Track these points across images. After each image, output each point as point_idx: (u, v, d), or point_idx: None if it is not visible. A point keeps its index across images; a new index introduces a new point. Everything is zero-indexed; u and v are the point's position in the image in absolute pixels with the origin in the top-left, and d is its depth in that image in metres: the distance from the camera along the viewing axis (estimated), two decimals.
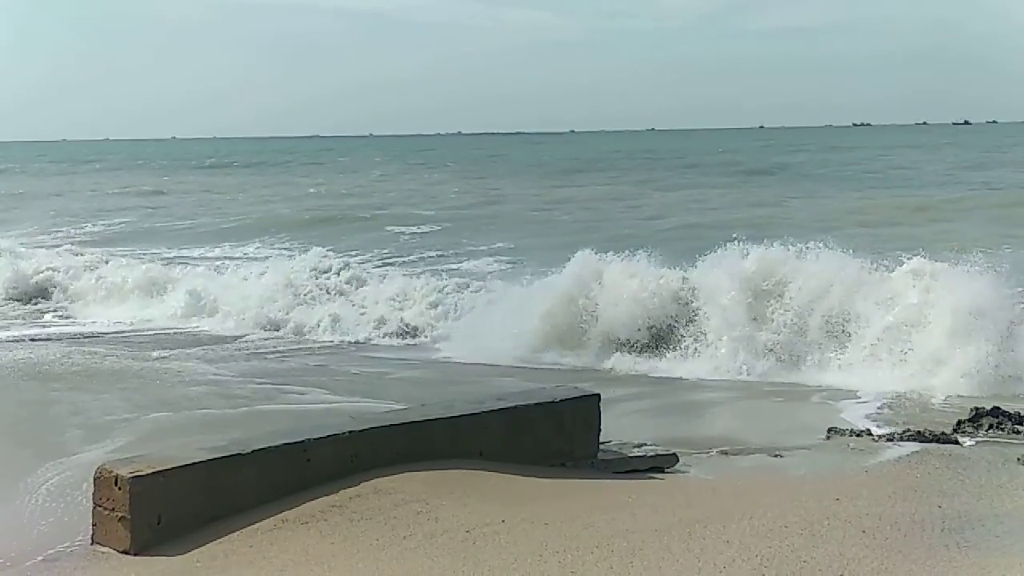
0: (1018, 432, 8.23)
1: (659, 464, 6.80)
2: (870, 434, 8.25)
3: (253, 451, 5.43)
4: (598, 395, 6.84)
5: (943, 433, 8.03)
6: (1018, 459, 6.70)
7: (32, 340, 14.50)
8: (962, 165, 52.22)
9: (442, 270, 21.05)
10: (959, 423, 8.50)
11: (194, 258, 24.36)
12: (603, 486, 6.05)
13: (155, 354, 12.94)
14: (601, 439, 6.76)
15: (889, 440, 7.90)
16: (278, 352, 13.83)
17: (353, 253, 25.17)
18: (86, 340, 14.53)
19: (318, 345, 14.43)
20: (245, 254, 25.68)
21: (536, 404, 6.55)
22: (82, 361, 12.22)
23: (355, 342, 14.56)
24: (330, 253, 20.65)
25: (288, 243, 26.99)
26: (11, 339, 14.61)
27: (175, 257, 24.52)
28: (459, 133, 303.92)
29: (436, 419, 6.11)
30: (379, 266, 22.75)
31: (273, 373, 12.25)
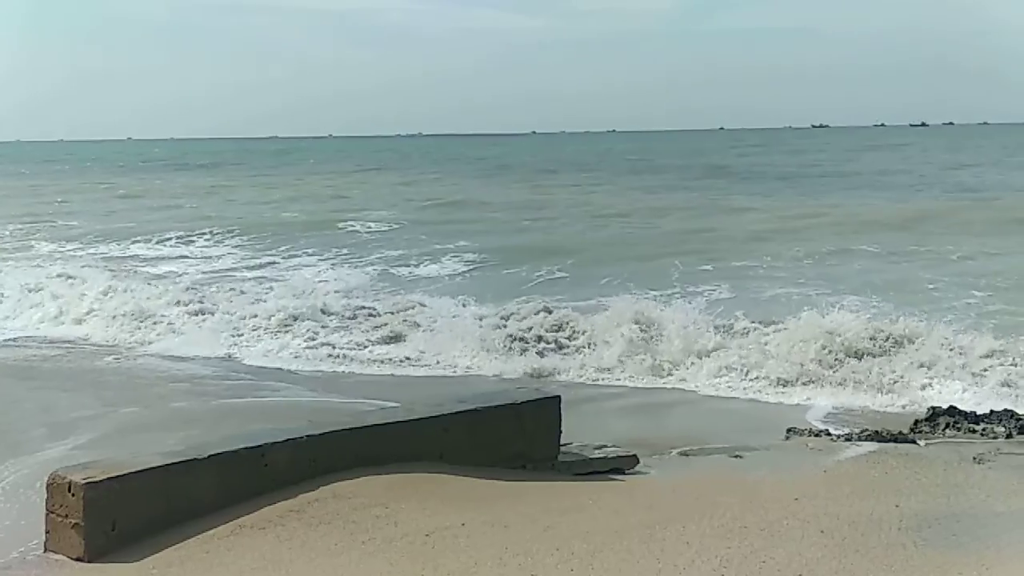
0: (974, 431, 8.34)
1: (620, 466, 6.81)
2: (828, 434, 8.34)
3: (210, 456, 5.36)
4: (559, 397, 6.83)
5: (900, 433, 8.13)
6: (974, 458, 6.78)
7: None
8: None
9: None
10: (916, 423, 8.61)
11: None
12: (564, 488, 6.04)
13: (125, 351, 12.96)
14: (562, 441, 6.75)
15: (847, 440, 7.98)
16: None
17: (310, 252, 25.15)
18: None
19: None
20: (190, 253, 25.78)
21: (497, 406, 6.52)
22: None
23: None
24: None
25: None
26: None
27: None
28: (419, 134, 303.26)
29: (396, 422, 6.07)
30: (334, 265, 22.81)
31: (246, 370, 12.26)
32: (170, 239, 28.34)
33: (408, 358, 13.16)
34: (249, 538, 5.00)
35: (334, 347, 13.70)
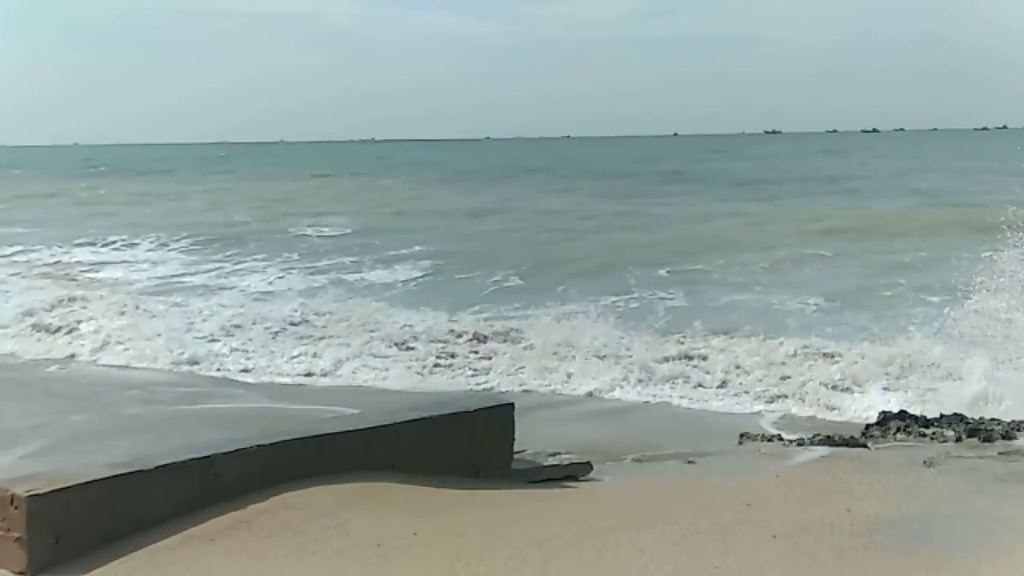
0: (924, 435, 8.42)
1: (573, 472, 6.78)
2: (781, 439, 8.39)
3: (157, 467, 5.26)
4: (512, 404, 6.79)
5: (852, 437, 8.19)
6: (924, 462, 6.83)
7: None
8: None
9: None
10: (867, 427, 8.69)
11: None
12: (517, 496, 6.01)
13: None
14: (515, 448, 6.72)
15: (799, 445, 8.02)
16: None
17: (260, 257, 24.99)
18: None
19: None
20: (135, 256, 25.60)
21: (450, 414, 6.47)
22: None
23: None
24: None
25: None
26: None
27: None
28: (372, 139, 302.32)
29: (347, 431, 6.01)
30: (284, 271, 22.66)
31: (198, 378, 12.17)
32: (115, 244, 28.06)
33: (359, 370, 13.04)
34: (197, 550, 4.92)
35: (283, 356, 13.56)
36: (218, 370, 13.03)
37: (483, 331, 14.47)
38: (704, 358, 12.58)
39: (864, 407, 10.23)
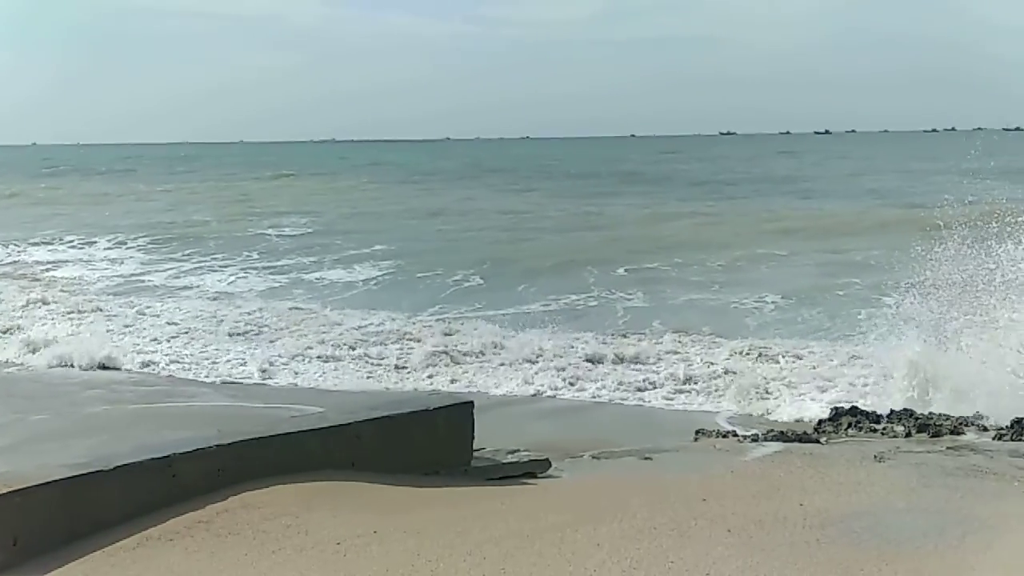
0: (875, 430, 8.57)
1: (532, 469, 6.84)
2: (736, 435, 8.49)
3: (115, 467, 5.26)
4: (471, 403, 6.84)
5: (805, 433, 8.31)
6: (875, 456, 6.95)
7: None
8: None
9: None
10: (820, 423, 8.82)
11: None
12: (476, 493, 6.05)
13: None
14: (475, 446, 6.77)
15: (754, 441, 8.13)
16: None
17: (220, 257, 24.84)
18: None
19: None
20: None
21: (409, 413, 6.51)
22: None
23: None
24: None
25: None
26: None
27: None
28: (332, 140, 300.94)
29: (306, 430, 6.02)
30: (243, 271, 22.54)
31: (158, 379, 12.10)
32: (72, 243, 27.79)
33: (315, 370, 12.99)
34: (156, 550, 4.92)
35: (241, 356, 13.48)
36: (176, 370, 12.93)
37: (440, 332, 14.49)
38: (661, 357, 12.72)
39: (817, 403, 10.37)
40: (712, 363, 12.40)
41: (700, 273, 20.71)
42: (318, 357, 13.31)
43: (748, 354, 12.77)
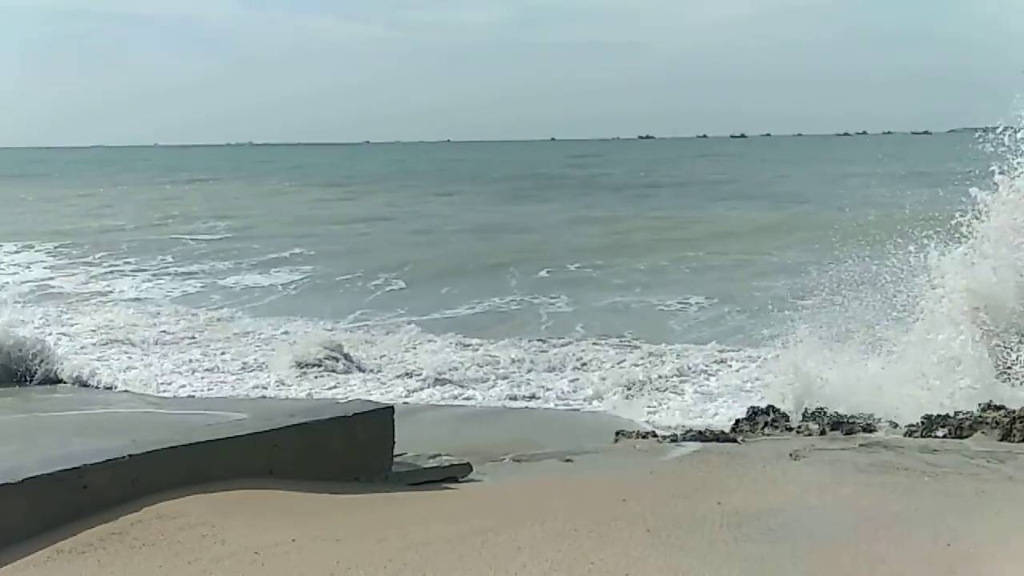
0: (790, 429, 8.72)
1: (453, 474, 6.82)
2: (655, 435, 8.57)
3: (24, 480, 5.11)
4: (392, 408, 6.78)
5: (723, 432, 8.42)
6: (790, 454, 7.06)
7: None
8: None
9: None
10: (737, 422, 8.94)
11: None
12: (397, 499, 6.01)
13: None
14: (396, 452, 6.72)
15: (673, 441, 8.21)
16: None
17: (133, 262, 24.37)
18: None
19: None
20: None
21: (328, 419, 6.42)
22: None
23: None
24: None
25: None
26: None
27: None
28: (249, 143, 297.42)
29: (222, 438, 5.91)
30: (156, 276, 22.14)
31: (67, 388, 11.81)
32: None
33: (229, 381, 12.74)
34: (67, 563, 4.79)
35: (154, 365, 13.16)
36: (86, 378, 12.60)
37: (354, 340, 14.36)
38: (584, 361, 12.79)
39: (735, 403, 10.52)
40: (635, 365, 12.52)
41: (622, 275, 20.90)
42: (207, 369, 12.95)
43: (667, 356, 12.92)
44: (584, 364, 12.72)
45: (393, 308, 17.59)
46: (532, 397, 11.56)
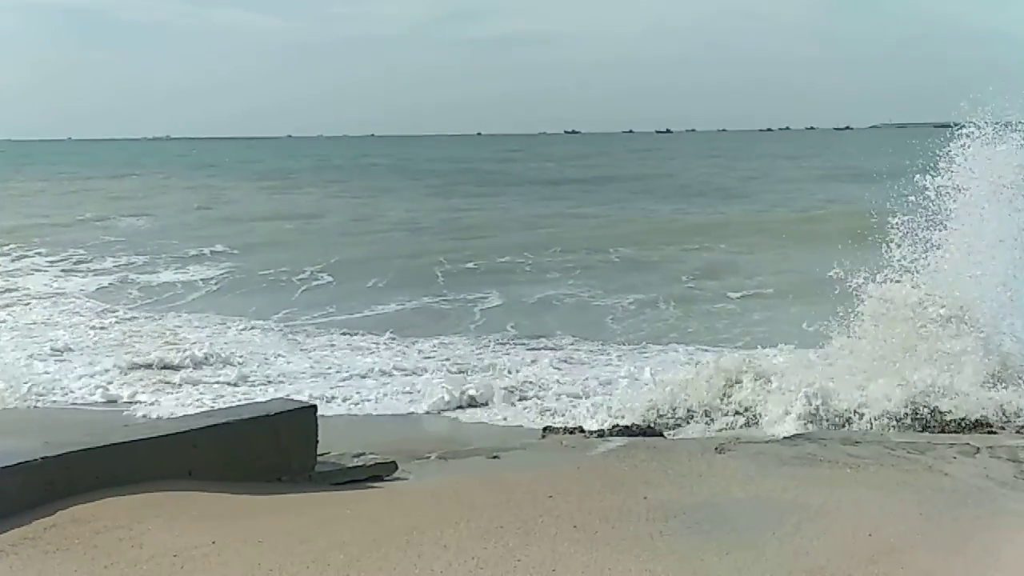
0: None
1: (378, 473, 6.75)
2: (582, 431, 8.58)
3: None
4: (315, 407, 6.68)
5: (649, 427, 8.46)
6: (716, 448, 7.13)
7: None
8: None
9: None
10: (659, 416, 8.99)
11: None
12: (320, 499, 5.92)
13: None
14: (319, 451, 6.62)
15: (600, 436, 8.23)
16: None
17: (43, 253, 23.78)
18: None
19: None
20: None
21: (249, 419, 6.30)
22: None
23: None
24: None
25: None
26: None
27: None
28: (167, 137, 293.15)
29: (139, 440, 5.76)
30: (66, 271, 21.62)
31: None
32: None
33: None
34: None
35: (64, 368, 12.57)
36: None
37: (277, 339, 14.14)
38: (513, 362, 12.74)
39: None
40: (565, 362, 12.57)
41: (554, 268, 20.95)
42: (137, 368, 12.29)
43: (600, 351, 13.01)
44: (519, 369, 12.46)
45: (321, 307, 17.31)
46: (457, 401, 11.27)
